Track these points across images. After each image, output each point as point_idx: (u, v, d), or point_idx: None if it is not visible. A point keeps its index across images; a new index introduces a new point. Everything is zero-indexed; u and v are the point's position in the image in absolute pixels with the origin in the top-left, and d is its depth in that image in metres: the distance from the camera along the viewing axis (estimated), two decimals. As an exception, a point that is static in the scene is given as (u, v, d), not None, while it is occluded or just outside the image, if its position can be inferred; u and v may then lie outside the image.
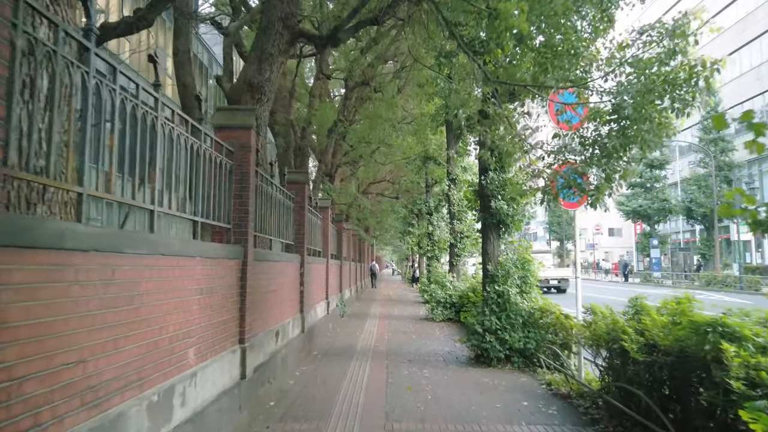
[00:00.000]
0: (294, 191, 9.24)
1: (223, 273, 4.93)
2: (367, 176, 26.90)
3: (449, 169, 15.63)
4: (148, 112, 3.49)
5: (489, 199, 9.01)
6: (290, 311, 8.26)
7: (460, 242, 15.45)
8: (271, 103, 10.94)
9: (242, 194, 5.55)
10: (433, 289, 15.10)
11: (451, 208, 15.57)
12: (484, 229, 9.20)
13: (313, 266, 10.83)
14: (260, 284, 6.25)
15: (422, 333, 12.47)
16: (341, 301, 16.01)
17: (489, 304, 8.72)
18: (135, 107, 3.29)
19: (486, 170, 9.12)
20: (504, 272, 8.88)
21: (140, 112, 3.36)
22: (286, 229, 8.71)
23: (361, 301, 22.60)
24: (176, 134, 4.02)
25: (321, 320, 11.58)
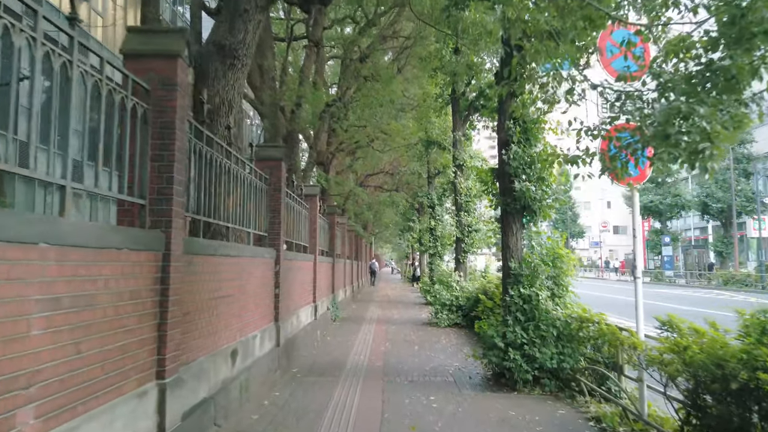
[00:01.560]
0: (267, 170, 7.41)
1: (119, 272, 3.10)
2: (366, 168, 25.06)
3: (455, 154, 13.79)
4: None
5: (511, 180, 7.19)
6: (258, 321, 6.44)
7: (467, 237, 13.62)
8: (246, 70, 9.13)
9: (165, 155, 3.72)
10: (437, 290, 13.29)
11: (457, 198, 13.74)
12: (504, 217, 7.37)
13: (296, 264, 9.00)
14: (200, 288, 4.43)
15: (426, 342, 10.64)
16: (333, 304, 14.18)
17: (512, 312, 6.89)
18: None
19: (507, 144, 7.28)
20: (530, 271, 7.05)
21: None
22: (257, 216, 6.88)
23: (358, 303, 20.77)
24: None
25: (306, 328, 9.76)
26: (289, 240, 8.84)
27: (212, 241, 4.80)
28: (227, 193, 5.60)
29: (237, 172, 5.96)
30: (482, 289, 11.98)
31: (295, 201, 9.59)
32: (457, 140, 13.74)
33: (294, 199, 9.39)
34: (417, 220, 24.97)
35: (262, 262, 6.66)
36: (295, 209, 9.55)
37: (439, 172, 20.34)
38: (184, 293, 4.05)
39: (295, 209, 9.47)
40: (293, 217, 9.21)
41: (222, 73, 8.64)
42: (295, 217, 9.41)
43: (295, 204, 9.59)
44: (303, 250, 10.64)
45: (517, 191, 7.12)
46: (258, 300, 6.43)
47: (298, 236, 9.76)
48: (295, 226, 9.41)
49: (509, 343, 6.74)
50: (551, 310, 6.78)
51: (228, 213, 5.61)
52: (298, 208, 9.79)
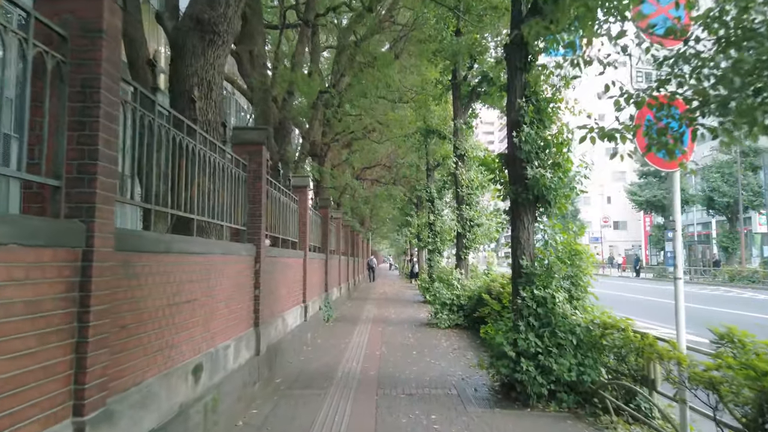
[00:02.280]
0: (246, 156, 6.53)
1: (2, 278, 2.23)
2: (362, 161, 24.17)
3: (456, 143, 12.90)
4: None
5: (523, 167, 6.32)
6: (233, 328, 5.57)
7: (469, 232, 12.75)
8: (227, 48, 8.26)
9: (87, 122, 2.84)
10: (436, 289, 12.43)
11: (458, 191, 12.86)
12: (514, 209, 6.50)
13: (282, 261, 8.14)
14: (147, 293, 3.55)
15: (425, 345, 9.79)
16: (326, 303, 13.33)
17: (524, 316, 6.04)
18: None
19: (518, 125, 6.41)
20: (545, 269, 6.20)
21: None
22: (233, 208, 6.01)
23: (354, 301, 19.92)
24: None
25: (294, 331, 8.89)
26: (274, 235, 7.97)
27: (164, 236, 3.92)
28: (192, 179, 4.72)
29: (208, 157, 5.09)
30: (486, 287, 11.14)
31: (283, 193, 8.71)
32: (458, 128, 12.85)
33: (281, 190, 8.51)
34: (415, 215, 24.13)
35: (237, 259, 5.78)
36: (282, 201, 8.68)
37: (438, 164, 19.46)
38: (120, 301, 3.18)
39: (281, 201, 8.60)
40: (279, 209, 8.34)
41: (200, 51, 7.77)
42: (281, 209, 8.53)
43: (283, 196, 8.71)
44: (292, 246, 9.77)
45: (529, 179, 6.25)
46: (232, 304, 5.56)
47: (285, 231, 8.89)
48: (281, 219, 8.54)
49: (521, 351, 5.89)
50: (569, 314, 5.92)
51: (195, 203, 4.73)
52: (285, 200, 8.92)
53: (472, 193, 12.71)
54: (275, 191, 8.00)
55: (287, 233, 9.11)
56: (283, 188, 8.67)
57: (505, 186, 6.87)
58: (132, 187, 3.62)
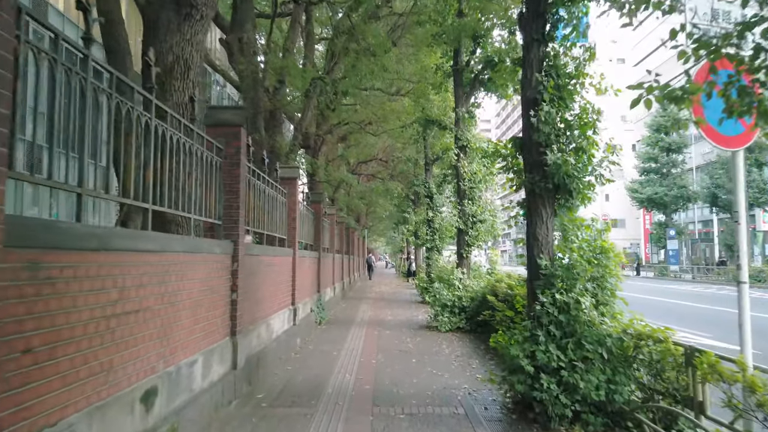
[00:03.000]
0: (221, 139, 5.66)
1: None
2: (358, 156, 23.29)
3: (458, 134, 12.04)
4: None
5: (541, 151, 5.47)
6: (201, 340, 4.71)
7: (472, 228, 11.90)
8: (206, 24, 7.39)
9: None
10: (436, 290, 11.59)
11: (460, 184, 12.00)
12: (530, 200, 5.66)
13: (266, 260, 7.28)
14: (61, 305, 2.69)
15: (425, 352, 8.94)
16: (318, 305, 12.47)
17: (543, 324, 5.21)
18: None
19: (535, 103, 5.55)
20: (566, 270, 5.35)
21: None
22: (205, 198, 5.16)
23: (349, 301, 19.06)
24: None
25: (281, 337, 8.04)
26: (257, 230, 7.11)
27: (97, 229, 3.04)
28: (146, 160, 3.86)
29: (169, 135, 4.23)
30: (490, 288, 10.30)
31: (269, 184, 7.86)
32: (459, 118, 11.98)
33: (267, 181, 7.66)
34: (412, 212, 23.30)
35: (208, 259, 4.91)
36: (268, 194, 7.82)
37: (437, 158, 18.62)
38: (21, 318, 2.32)
39: (267, 193, 7.74)
40: (264, 202, 7.48)
41: (176, 26, 6.92)
42: (267, 202, 7.67)
43: (269, 188, 7.86)
44: (279, 243, 8.91)
45: (549, 165, 5.40)
46: (201, 311, 4.70)
47: (271, 226, 8.03)
48: (266, 213, 7.68)
49: (540, 366, 5.06)
50: (597, 322, 5.09)
51: (150, 190, 3.87)
52: (271, 192, 8.06)
53: (475, 186, 11.86)
54: (259, 182, 7.13)
55: (274, 229, 8.25)
56: (269, 179, 7.81)
57: (519, 174, 6.02)
58: (51, 164, 2.75)
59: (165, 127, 4.17)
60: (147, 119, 3.85)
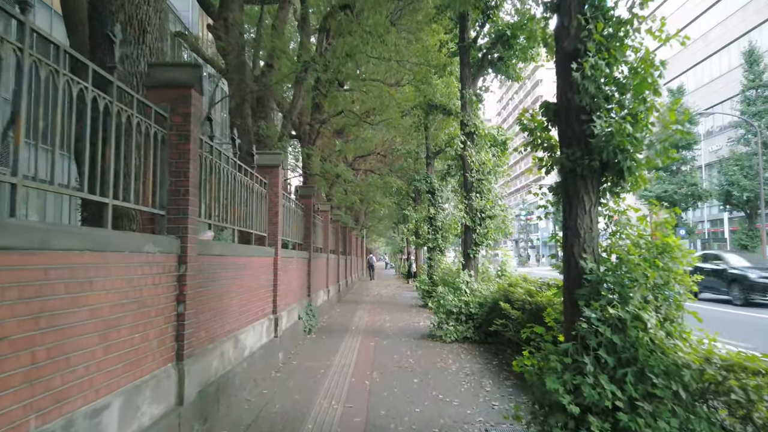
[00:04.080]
0: (165, 105, 4.33)
1: None
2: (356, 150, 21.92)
3: (465, 119, 10.69)
4: None
5: (584, 119, 4.15)
6: (117, 375, 3.36)
7: (480, 225, 10.55)
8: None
9: None
10: (440, 294, 10.25)
11: (467, 176, 10.65)
12: (568, 183, 4.32)
13: (235, 262, 5.94)
14: None
15: (429, 369, 7.61)
16: (308, 311, 11.13)
17: (590, 348, 3.87)
18: None
19: (577, 55, 4.22)
20: (619, 275, 4.02)
21: None
22: (140, 180, 3.84)
23: (344, 304, 17.72)
24: None
25: (256, 355, 6.70)
26: (224, 225, 5.78)
27: None
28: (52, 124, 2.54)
29: (62, 83, 2.90)
30: (502, 293, 8.98)
31: (241, 171, 6.54)
32: (466, 101, 10.62)
33: (239, 167, 6.35)
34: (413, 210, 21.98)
35: (133, 260, 3.57)
36: (242, 182, 6.50)
37: (439, 151, 17.29)
38: None
39: (240, 182, 6.43)
40: (235, 191, 6.16)
41: (130, -21, 5.66)
42: (239, 192, 6.35)
43: (241, 174, 6.54)
44: (257, 241, 7.59)
45: (596, 136, 4.06)
46: (120, 333, 3.36)
47: (245, 221, 6.72)
48: (239, 205, 6.36)
49: (588, 405, 3.72)
50: (668, 347, 3.75)
51: (21, 157, 2.55)
52: (246, 181, 6.74)
53: (483, 178, 10.51)
54: (227, 166, 5.80)
55: (249, 224, 6.92)
56: (240, 163, 6.49)
57: (552, 151, 4.68)
58: None
59: (60, 72, 2.85)
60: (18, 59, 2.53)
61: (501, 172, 10.88)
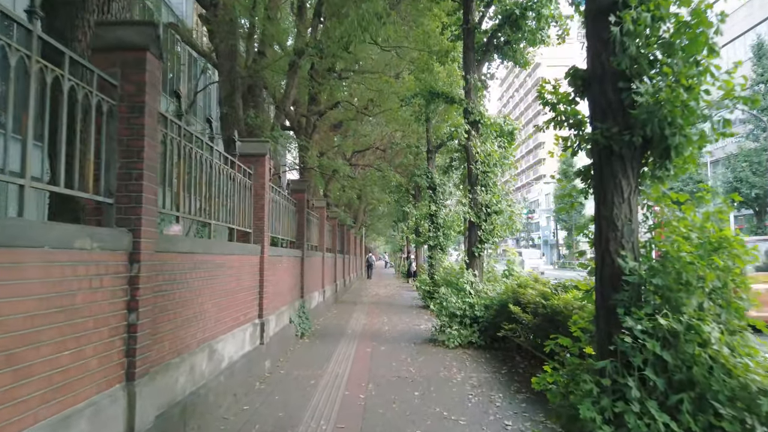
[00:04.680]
0: (114, 69, 3.58)
1: None
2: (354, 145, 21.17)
3: (469, 107, 9.93)
4: None
5: (621, 87, 3.40)
6: (39, 407, 2.60)
7: (485, 221, 9.80)
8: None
9: None
10: (443, 296, 9.50)
11: (471, 168, 9.89)
12: (602, 165, 3.57)
13: (208, 260, 5.18)
14: None
15: (431, 380, 6.85)
16: (301, 313, 10.38)
17: (634, 367, 3.12)
18: None
19: (614, 7, 3.46)
20: (669, 277, 3.27)
21: None
22: (81, 160, 3.10)
23: (341, 305, 16.97)
24: None
25: (236, 365, 5.94)
26: (195, 218, 5.03)
27: None
28: None
29: None
30: (511, 295, 8.23)
31: (221, 158, 5.80)
32: (471, 87, 9.86)
33: (215, 152, 5.60)
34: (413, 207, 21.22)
35: (57, 259, 2.81)
36: (221, 171, 5.76)
37: (441, 144, 16.53)
38: None
39: (220, 170, 5.69)
40: (211, 181, 5.41)
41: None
42: (217, 182, 5.61)
43: (222, 163, 5.80)
44: (241, 238, 6.85)
45: (640, 105, 3.31)
46: (36, 352, 2.61)
47: (225, 215, 5.97)
48: (218, 197, 5.62)
49: (633, 439, 2.97)
50: (734, 366, 2.99)
51: None
52: (227, 170, 6.00)
53: (489, 171, 9.76)
54: (200, 150, 5.05)
55: (230, 219, 6.18)
56: (219, 150, 5.74)
57: (579, 128, 3.92)
58: None
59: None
60: None
61: (508, 164, 10.12)
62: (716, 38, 3.38)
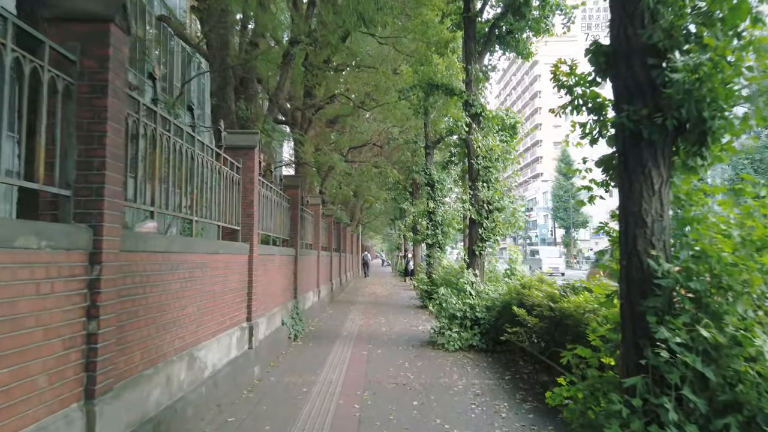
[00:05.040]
0: (72, 44, 3.13)
1: None
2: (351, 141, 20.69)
3: (470, 99, 9.49)
4: None
5: (650, 64, 2.98)
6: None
7: (487, 218, 9.37)
8: None
9: None
10: (442, 297, 9.07)
11: (472, 163, 9.45)
12: (628, 153, 3.14)
13: (187, 260, 4.73)
14: None
15: (431, 387, 6.43)
16: (294, 314, 9.95)
17: (669, 385, 2.70)
18: None
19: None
20: (707, 280, 2.84)
21: None
22: (26, 144, 2.63)
23: (337, 305, 16.54)
24: None
25: (220, 374, 5.51)
26: (173, 214, 4.59)
27: None
28: None
29: None
30: (515, 295, 7.82)
31: (205, 150, 5.36)
32: (472, 78, 9.42)
33: (201, 146, 5.16)
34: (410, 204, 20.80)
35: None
36: (205, 163, 5.32)
37: (440, 140, 16.09)
38: None
39: (203, 162, 5.25)
40: (193, 173, 4.97)
41: None
42: (200, 175, 5.17)
43: (206, 155, 5.36)
44: (226, 236, 6.41)
45: (675, 84, 2.88)
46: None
47: (210, 211, 5.53)
48: (200, 191, 5.17)
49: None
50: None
51: None
52: (211, 162, 5.56)
53: (491, 166, 9.33)
54: (175, 137, 4.60)
55: (217, 215, 5.74)
56: (202, 141, 5.30)
57: (600, 112, 3.50)
58: None
59: None
60: None
61: (510, 159, 9.69)
62: (761, 6, 2.96)
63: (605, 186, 3.59)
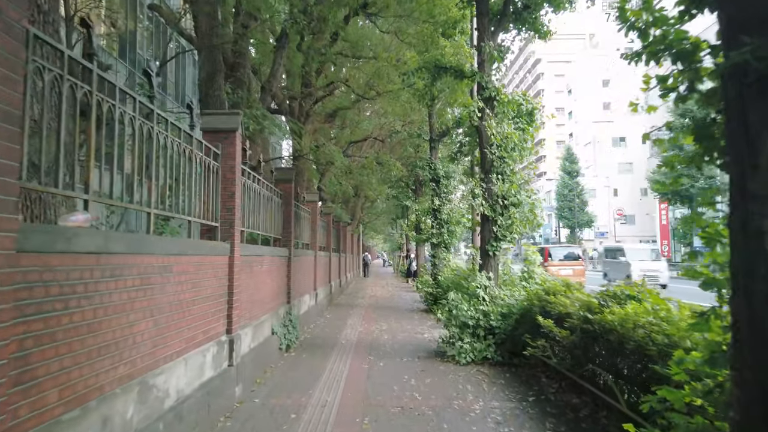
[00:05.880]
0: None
1: None
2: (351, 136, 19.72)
3: (483, 81, 8.49)
4: None
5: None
6: None
7: (502, 215, 8.37)
8: None
9: None
10: (453, 303, 8.08)
11: (486, 153, 8.45)
12: (741, 105, 2.18)
13: (139, 263, 3.74)
14: None
15: (442, 411, 5.43)
16: (286, 322, 8.95)
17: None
18: None
19: None
20: None
21: None
22: None
23: (336, 309, 15.54)
24: None
25: (190, 401, 4.52)
26: (121, 205, 3.60)
27: None
28: None
29: None
30: (537, 301, 6.83)
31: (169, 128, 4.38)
32: (485, 58, 8.42)
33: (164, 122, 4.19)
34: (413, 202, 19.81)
35: None
36: (173, 146, 4.35)
37: (445, 132, 15.10)
38: None
39: (170, 145, 4.27)
40: (149, 156, 3.99)
41: None
42: (163, 159, 4.19)
43: (169, 133, 4.39)
44: (207, 233, 5.43)
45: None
46: None
47: (181, 203, 4.55)
48: (163, 178, 4.20)
49: None
50: None
51: None
52: (183, 146, 4.59)
53: (507, 156, 8.32)
54: (120, 106, 3.61)
55: (187, 209, 4.75)
56: (160, 113, 4.32)
57: (690, 59, 2.50)
58: None
59: None
60: None
61: (528, 149, 8.69)
62: None
63: (698, 162, 2.59)
